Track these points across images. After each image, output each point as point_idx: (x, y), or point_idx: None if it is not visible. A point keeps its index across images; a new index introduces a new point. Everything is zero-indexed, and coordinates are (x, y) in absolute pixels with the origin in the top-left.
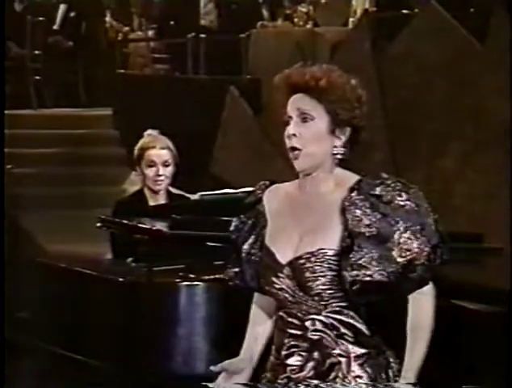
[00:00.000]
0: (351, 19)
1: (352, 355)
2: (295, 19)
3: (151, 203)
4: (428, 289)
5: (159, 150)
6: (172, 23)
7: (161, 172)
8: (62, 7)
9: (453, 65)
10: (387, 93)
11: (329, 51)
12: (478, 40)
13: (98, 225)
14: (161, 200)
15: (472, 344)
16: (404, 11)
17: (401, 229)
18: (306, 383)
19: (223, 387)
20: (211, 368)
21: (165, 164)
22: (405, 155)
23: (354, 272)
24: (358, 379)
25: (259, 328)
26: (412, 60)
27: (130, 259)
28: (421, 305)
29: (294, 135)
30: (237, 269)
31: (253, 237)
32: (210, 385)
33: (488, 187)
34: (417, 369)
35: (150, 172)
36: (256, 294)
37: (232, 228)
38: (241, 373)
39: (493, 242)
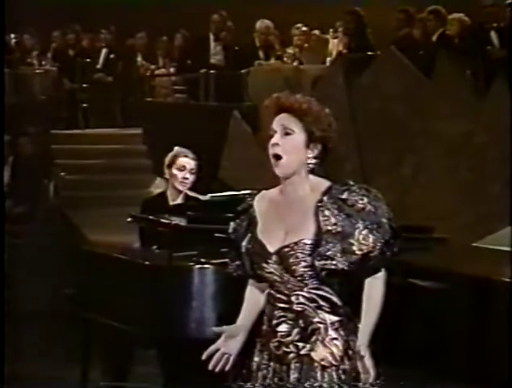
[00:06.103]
0: (328, 59)
1: (329, 322)
2: (285, 59)
3: (171, 202)
4: (380, 274)
5: (190, 160)
6: (188, 61)
7: (187, 176)
8: (104, 51)
9: (407, 95)
10: (356, 116)
11: (311, 83)
12: (426, 75)
13: (129, 220)
14: (180, 199)
15: (422, 314)
16: (369, 53)
17: (361, 227)
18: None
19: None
20: (213, 328)
21: (192, 171)
22: (371, 165)
23: (323, 262)
24: (334, 341)
25: (252, 303)
26: (376, 90)
27: (154, 247)
28: (374, 286)
29: (277, 144)
30: (238, 262)
31: (249, 235)
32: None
33: (437, 189)
34: (371, 332)
35: (179, 174)
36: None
37: (230, 230)
38: (236, 337)
39: (440, 233)
